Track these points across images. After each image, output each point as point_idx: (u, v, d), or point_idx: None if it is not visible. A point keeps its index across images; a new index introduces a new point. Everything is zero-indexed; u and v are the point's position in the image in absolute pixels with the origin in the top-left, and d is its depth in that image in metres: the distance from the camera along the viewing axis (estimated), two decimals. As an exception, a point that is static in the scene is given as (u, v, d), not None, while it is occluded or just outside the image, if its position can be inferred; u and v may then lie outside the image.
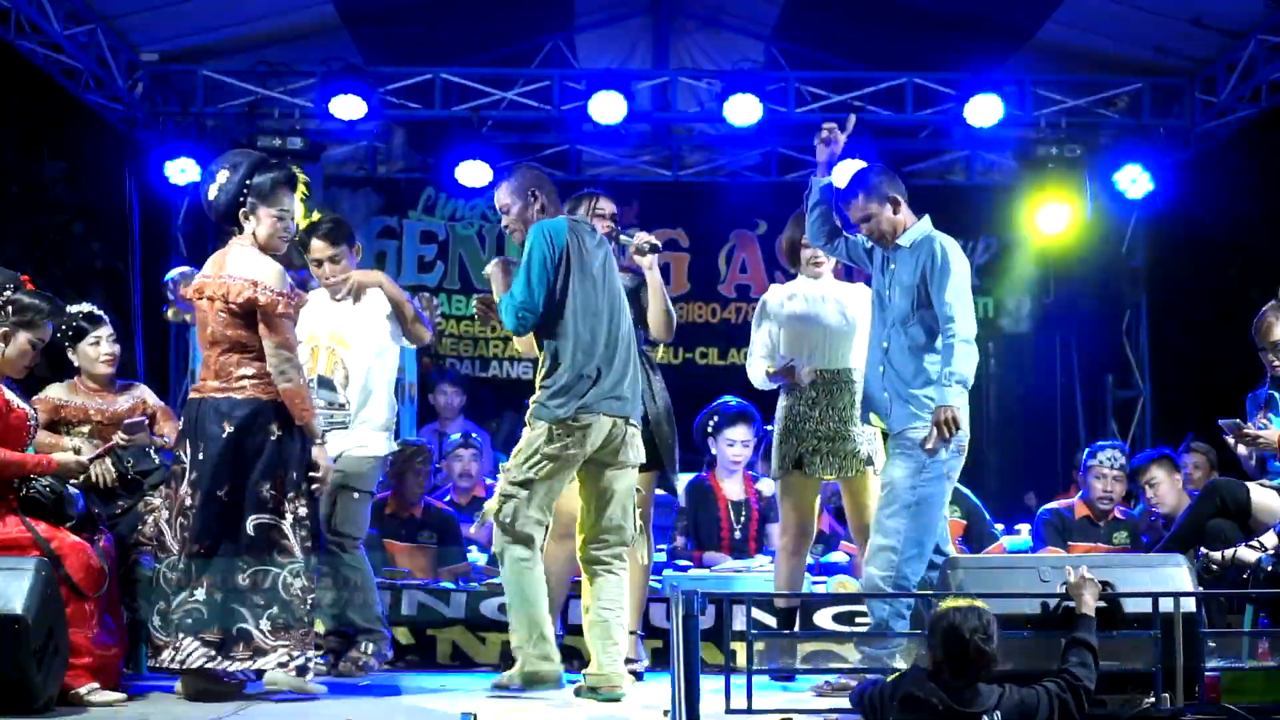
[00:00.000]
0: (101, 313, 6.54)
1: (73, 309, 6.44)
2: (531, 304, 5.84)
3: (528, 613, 5.81)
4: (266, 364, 5.68)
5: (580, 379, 5.81)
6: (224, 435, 5.66)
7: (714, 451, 7.86)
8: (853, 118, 6.38)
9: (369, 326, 6.80)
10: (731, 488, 7.75)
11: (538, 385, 5.91)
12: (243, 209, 5.78)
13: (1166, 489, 7.75)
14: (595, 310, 5.88)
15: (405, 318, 6.80)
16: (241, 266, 5.72)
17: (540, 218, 5.97)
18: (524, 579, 5.83)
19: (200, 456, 5.68)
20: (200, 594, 5.63)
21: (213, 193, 5.81)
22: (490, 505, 5.91)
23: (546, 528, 5.94)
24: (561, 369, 5.84)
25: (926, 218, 6.15)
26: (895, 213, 6.09)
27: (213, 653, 5.62)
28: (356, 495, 6.66)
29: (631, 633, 6.38)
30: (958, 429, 5.77)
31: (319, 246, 6.77)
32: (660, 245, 6.56)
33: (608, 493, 5.92)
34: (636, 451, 5.94)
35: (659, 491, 6.66)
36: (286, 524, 5.68)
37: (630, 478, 5.96)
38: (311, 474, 5.75)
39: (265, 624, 5.64)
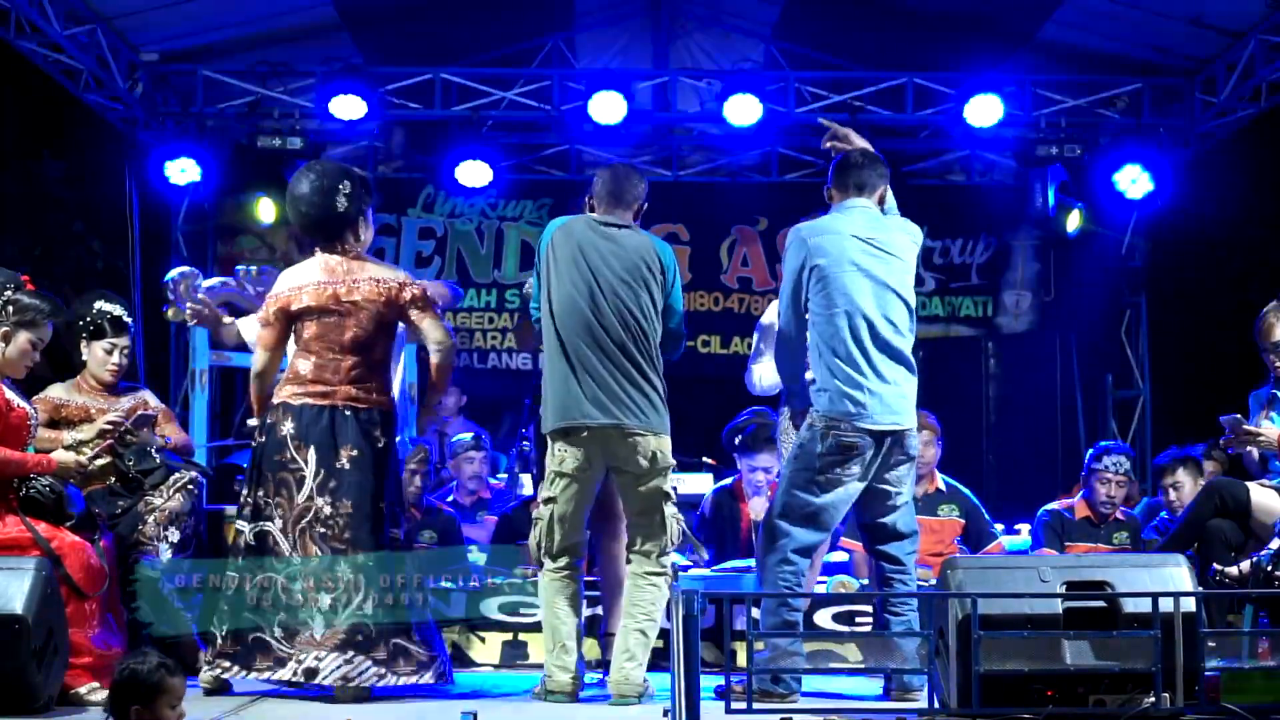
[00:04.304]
0: (130, 322, 6.52)
1: (105, 305, 6.43)
2: (535, 304, 5.92)
3: (550, 624, 5.82)
4: (438, 348, 5.86)
5: (559, 388, 5.74)
6: (379, 446, 5.76)
7: (739, 466, 7.84)
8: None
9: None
10: (757, 504, 7.73)
11: None
12: (362, 219, 5.91)
13: (1189, 492, 7.58)
14: (576, 311, 5.74)
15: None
16: (380, 271, 5.88)
17: None
18: (549, 592, 5.84)
19: (344, 465, 5.71)
20: (367, 606, 5.65)
21: (342, 204, 5.84)
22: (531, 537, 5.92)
23: (579, 541, 5.87)
24: (546, 377, 5.82)
25: (841, 204, 5.94)
26: (830, 201, 6.02)
27: (382, 670, 5.64)
28: None
29: (609, 635, 6.32)
30: None
31: None
32: None
33: (628, 500, 5.85)
34: (645, 458, 5.74)
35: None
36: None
37: (643, 486, 5.78)
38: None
39: (417, 634, 5.72)
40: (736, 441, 7.70)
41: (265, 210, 10.88)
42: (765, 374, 6.62)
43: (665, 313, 5.85)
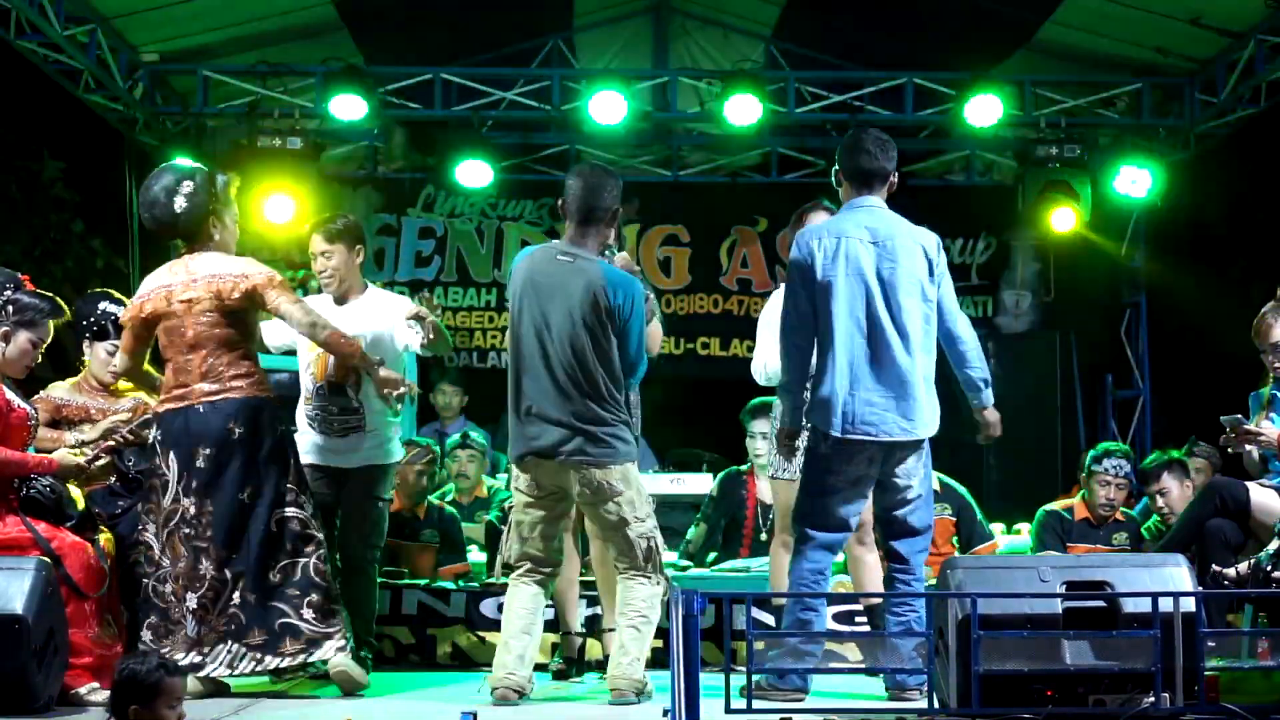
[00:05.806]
0: None
1: (110, 306, 6.41)
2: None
3: (503, 627, 5.89)
4: (302, 332, 5.87)
5: (511, 420, 5.78)
6: (234, 437, 5.73)
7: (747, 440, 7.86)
8: None
9: (381, 331, 6.60)
10: (765, 487, 7.71)
11: None
12: (212, 217, 5.88)
13: (1177, 497, 7.51)
14: (528, 347, 5.70)
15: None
16: (223, 265, 5.84)
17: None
18: (508, 593, 5.92)
19: (201, 464, 5.72)
20: (235, 598, 5.70)
21: (180, 204, 5.85)
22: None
23: (541, 554, 5.87)
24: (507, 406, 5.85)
25: (851, 202, 5.91)
26: (838, 186, 6.02)
27: (260, 655, 5.69)
28: (381, 504, 6.57)
29: (569, 634, 6.44)
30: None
31: (315, 240, 6.59)
32: (640, 269, 6.53)
33: (589, 522, 5.93)
34: (590, 489, 5.70)
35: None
36: (308, 514, 5.83)
37: (597, 511, 5.76)
38: (401, 388, 5.95)
39: (309, 612, 5.72)
40: (745, 421, 7.75)
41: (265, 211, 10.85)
42: (769, 361, 6.54)
43: (620, 343, 5.74)
